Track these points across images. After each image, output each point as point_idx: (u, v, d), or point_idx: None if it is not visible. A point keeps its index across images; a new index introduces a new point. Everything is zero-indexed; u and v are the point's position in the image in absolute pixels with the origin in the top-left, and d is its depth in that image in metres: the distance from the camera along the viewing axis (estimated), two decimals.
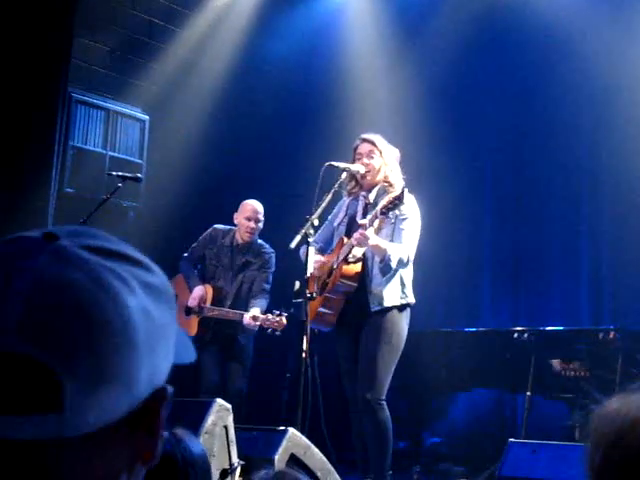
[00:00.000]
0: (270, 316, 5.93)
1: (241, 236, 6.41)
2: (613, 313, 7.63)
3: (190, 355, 0.91)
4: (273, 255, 6.45)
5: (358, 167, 5.14)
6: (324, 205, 4.99)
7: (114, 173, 6.21)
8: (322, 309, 5.11)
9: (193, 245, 6.54)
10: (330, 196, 5.04)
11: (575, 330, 6.61)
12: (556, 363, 6.22)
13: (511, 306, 8.29)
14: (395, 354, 5.01)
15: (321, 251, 5.37)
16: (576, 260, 8.02)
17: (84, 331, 0.75)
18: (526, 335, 6.43)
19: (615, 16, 7.57)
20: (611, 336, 6.03)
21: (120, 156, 7.61)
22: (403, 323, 5.04)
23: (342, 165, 5.13)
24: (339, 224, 5.31)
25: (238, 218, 6.44)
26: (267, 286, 6.37)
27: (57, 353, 0.74)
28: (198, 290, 6.35)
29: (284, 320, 5.89)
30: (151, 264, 0.85)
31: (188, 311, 6.36)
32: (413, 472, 6.82)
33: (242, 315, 6.07)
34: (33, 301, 0.75)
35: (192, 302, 6.32)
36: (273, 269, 6.45)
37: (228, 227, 6.52)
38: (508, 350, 6.58)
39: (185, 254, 6.53)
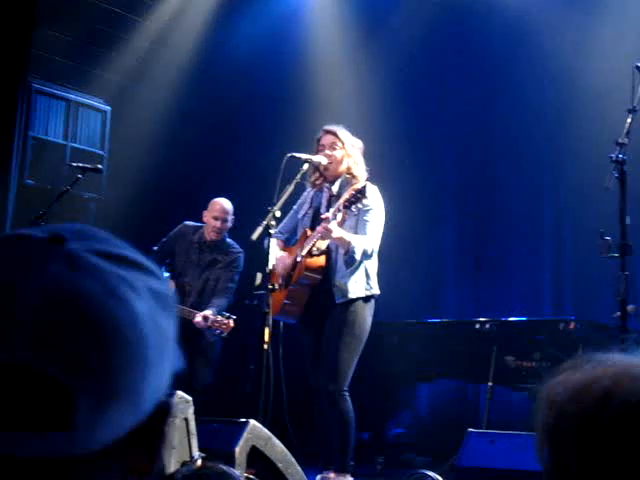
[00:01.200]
0: (219, 317, 5.91)
1: (208, 234, 6.38)
2: (574, 304, 7.70)
3: (179, 363, 0.89)
4: (241, 255, 6.41)
5: (320, 158, 5.14)
6: (286, 196, 4.97)
7: (74, 164, 6.13)
8: (287, 301, 5.11)
9: (163, 240, 6.49)
10: (292, 187, 5.02)
11: (536, 321, 6.66)
12: (511, 360, 6.27)
13: (474, 297, 8.33)
14: (358, 345, 5.01)
15: (286, 242, 5.37)
16: (539, 252, 8.08)
17: (100, 346, 0.71)
18: (488, 326, 6.48)
19: (575, 10, 7.62)
20: (571, 326, 6.08)
21: (81, 147, 7.55)
22: (367, 314, 5.06)
23: (304, 156, 5.12)
24: (304, 216, 5.30)
25: (206, 216, 6.39)
26: (231, 285, 6.34)
27: (72, 370, 0.70)
28: None
29: (232, 323, 5.90)
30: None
31: None
32: (377, 463, 6.85)
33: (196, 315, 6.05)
34: (47, 314, 0.70)
35: None
36: (240, 269, 6.40)
37: (198, 224, 6.47)
38: (471, 341, 6.62)
39: (155, 247, 6.47)
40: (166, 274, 6.45)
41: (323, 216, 4.91)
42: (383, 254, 5.18)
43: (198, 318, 5.98)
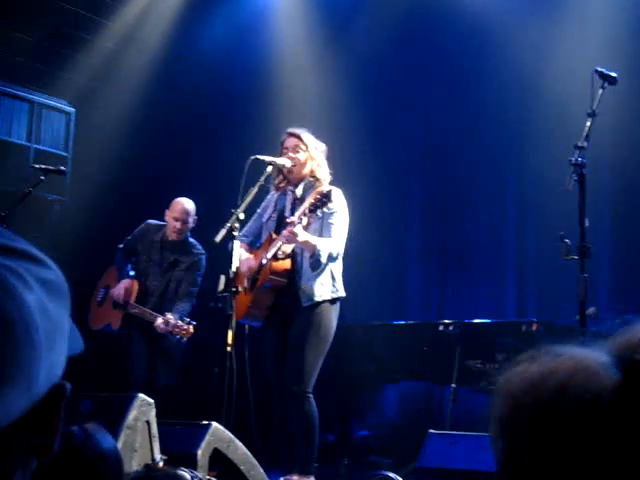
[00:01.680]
0: (180, 322, 5.85)
1: (169, 234, 6.33)
2: (537, 306, 7.77)
3: (79, 345, 0.90)
4: (203, 257, 6.34)
5: (284, 161, 5.14)
6: (250, 199, 4.98)
7: (37, 166, 6.08)
8: (251, 305, 5.11)
9: (127, 238, 6.45)
10: (256, 190, 5.02)
11: (498, 323, 6.72)
12: (474, 362, 6.32)
13: (438, 300, 8.38)
14: (323, 347, 5.03)
15: (250, 245, 5.37)
16: (502, 254, 8.14)
17: None
18: (451, 328, 6.52)
19: (537, 14, 7.70)
20: (534, 328, 6.14)
21: (45, 149, 7.50)
22: (332, 316, 5.07)
23: (268, 159, 5.12)
24: (268, 219, 5.30)
25: (168, 216, 6.33)
26: (194, 289, 6.29)
27: None
28: (123, 283, 6.29)
29: (191, 329, 5.84)
30: (47, 260, 0.83)
31: (115, 304, 6.29)
32: (341, 465, 6.86)
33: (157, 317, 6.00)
34: None
35: (116, 296, 6.26)
36: (202, 271, 6.34)
37: (161, 223, 6.41)
38: (435, 343, 6.66)
39: (120, 245, 6.44)
40: (131, 273, 6.41)
41: (289, 220, 4.92)
42: (348, 256, 5.20)
43: (159, 321, 5.94)
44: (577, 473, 0.81)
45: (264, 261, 5.05)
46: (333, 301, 5.08)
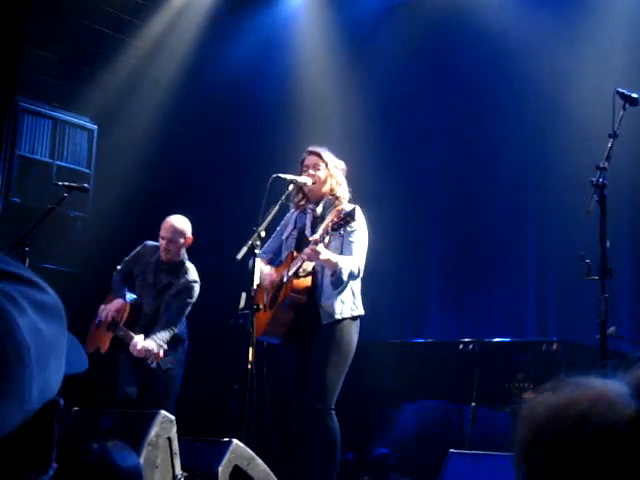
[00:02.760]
0: (151, 347, 5.64)
1: (162, 255, 6.01)
2: (558, 326, 7.74)
3: (82, 364, 0.94)
4: (196, 285, 5.93)
5: (305, 179, 5.18)
6: (270, 217, 5.01)
7: (60, 183, 6.11)
8: (271, 322, 5.12)
9: (125, 259, 6.20)
10: (277, 208, 5.06)
11: (519, 342, 6.70)
12: (494, 381, 6.30)
13: (457, 318, 8.36)
14: (345, 364, 5.03)
15: (270, 262, 5.39)
16: (522, 273, 8.11)
17: None
18: (471, 346, 6.51)
19: (560, 34, 7.71)
20: (554, 347, 6.12)
21: (68, 165, 7.56)
22: (353, 333, 5.08)
23: (289, 177, 5.16)
24: (288, 237, 5.33)
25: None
26: (178, 318, 5.88)
27: None
28: (114, 304, 5.97)
29: (161, 354, 5.65)
30: (42, 283, 0.86)
31: (108, 326, 5.97)
32: None
33: None
34: None
35: (103, 316, 5.95)
36: (192, 300, 5.92)
37: (158, 244, 6.04)
38: (454, 361, 6.65)
39: (118, 267, 6.19)
40: (133, 296, 6.11)
41: (311, 238, 4.94)
42: (367, 274, 5.21)
43: (132, 342, 5.69)
44: None
45: (285, 278, 5.07)
46: (354, 318, 5.09)
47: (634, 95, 4.56)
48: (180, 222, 5.98)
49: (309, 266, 5.05)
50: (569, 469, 0.85)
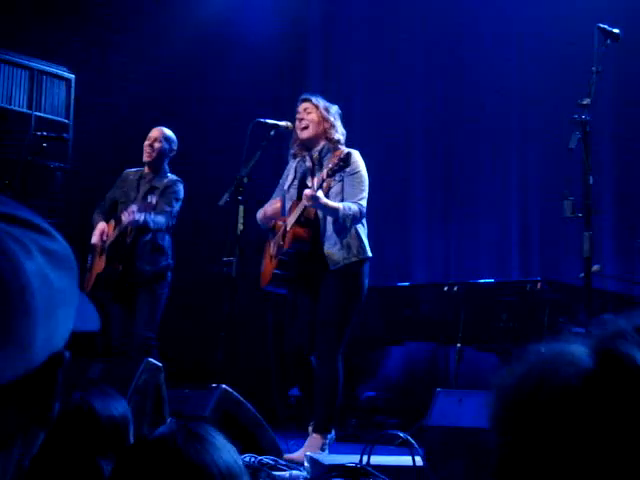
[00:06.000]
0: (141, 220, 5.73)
1: (144, 157, 6.15)
2: (542, 265, 7.79)
3: (94, 323, 0.91)
4: (179, 183, 6.09)
5: (287, 123, 5.15)
6: (252, 162, 4.98)
7: (38, 133, 6.04)
8: (277, 271, 5.11)
9: (107, 194, 6.32)
10: (259, 153, 5.03)
11: (503, 282, 6.74)
12: (479, 321, 6.36)
13: (442, 261, 8.39)
14: (353, 308, 5.04)
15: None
16: (505, 214, 8.14)
17: None
18: (456, 288, 6.54)
19: None
20: (538, 287, 6.15)
21: (46, 116, 7.46)
22: (361, 277, 5.06)
23: (270, 121, 5.12)
24: (289, 186, 5.28)
25: None
26: (168, 209, 5.96)
27: None
28: (99, 226, 6.09)
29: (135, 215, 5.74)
30: (53, 231, 0.82)
31: (101, 251, 6.08)
32: (349, 425, 6.91)
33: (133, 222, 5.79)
34: None
35: (94, 239, 6.07)
36: (179, 196, 6.05)
37: (139, 168, 6.24)
38: (439, 303, 6.68)
39: (98, 205, 6.30)
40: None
41: (308, 188, 4.92)
42: None
43: (129, 208, 5.77)
44: (560, 461, 0.83)
45: (288, 227, 5.06)
46: (361, 262, 5.06)
47: (615, 31, 4.52)
48: (166, 130, 6.20)
49: (311, 214, 5.02)
50: (532, 433, 0.86)
